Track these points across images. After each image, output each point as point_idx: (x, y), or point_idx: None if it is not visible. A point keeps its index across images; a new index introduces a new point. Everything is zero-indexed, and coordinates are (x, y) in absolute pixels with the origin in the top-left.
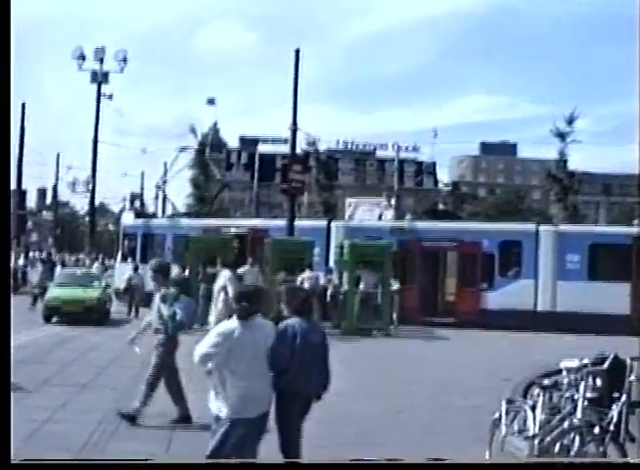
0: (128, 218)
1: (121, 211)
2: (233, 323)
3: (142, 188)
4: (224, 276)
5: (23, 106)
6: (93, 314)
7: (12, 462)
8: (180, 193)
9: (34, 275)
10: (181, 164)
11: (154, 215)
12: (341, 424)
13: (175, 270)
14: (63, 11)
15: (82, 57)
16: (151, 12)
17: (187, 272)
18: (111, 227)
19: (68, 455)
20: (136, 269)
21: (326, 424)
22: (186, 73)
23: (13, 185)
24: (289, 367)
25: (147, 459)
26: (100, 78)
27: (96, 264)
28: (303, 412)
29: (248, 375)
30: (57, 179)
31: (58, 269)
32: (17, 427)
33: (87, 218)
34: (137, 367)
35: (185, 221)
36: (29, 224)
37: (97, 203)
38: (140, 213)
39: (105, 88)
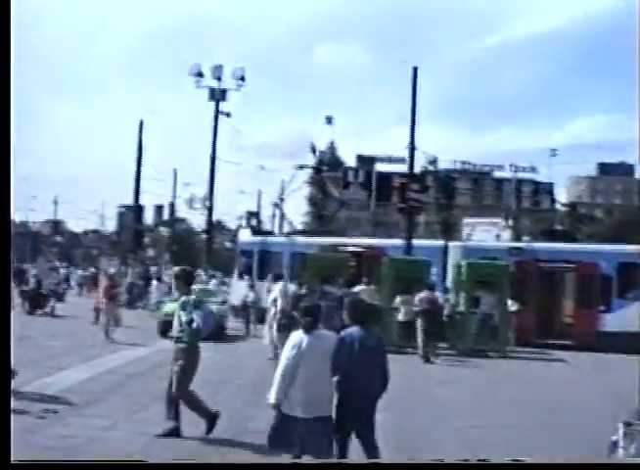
0: (245, 236)
1: (238, 228)
2: (300, 335)
3: (259, 205)
4: (276, 289)
5: (141, 123)
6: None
7: (12, 462)
8: (297, 211)
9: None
10: (298, 182)
11: (271, 233)
12: (452, 441)
13: (292, 288)
14: (181, 28)
15: (200, 74)
16: (267, 30)
17: (304, 290)
18: (227, 244)
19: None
20: (252, 286)
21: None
22: (302, 92)
23: (130, 201)
24: (348, 371)
25: (146, 460)
26: (218, 96)
27: (213, 281)
28: (365, 413)
29: (312, 380)
30: (174, 196)
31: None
32: (132, 439)
33: (204, 235)
34: (249, 384)
35: (302, 239)
36: (146, 240)
37: (214, 220)
38: (257, 231)
39: (223, 106)
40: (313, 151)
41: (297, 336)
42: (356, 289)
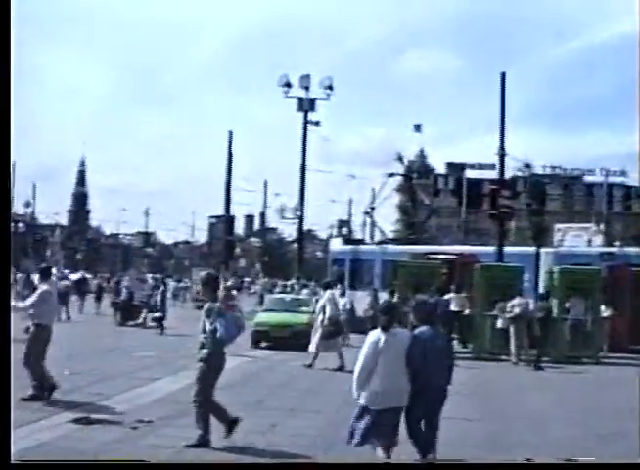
0: (337, 244)
1: (329, 237)
2: (377, 333)
3: (349, 214)
4: (324, 297)
5: (231, 133)
6: (301, 339)
7: (12, 462)
8: (388, 219)
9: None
10: (389, 189)
11: (362, 242)
12: (548, 450)
13: (384, 296)
14: (269, 38)
15: (288, 85)
16: (355, 39)
17: (396, 298)
18: (318, 253)
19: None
20: (344, 294)
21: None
22: (390, 99)
23: (221, 211)
24: (421, 367)
25: (145, 459)
26: (306, 106)
27: (304, 290)
28: (437, 405)
29: (388, 374)
30: (265, 206)
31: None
32: (224, 449)
33: (295, 245)
34: (343, 393)
35: (393, 247)
36: (237, 250)
37: (305, 229)
38: (348, 240)
39: (311, 115)
40: (401, 159)
41: (375, 334)
42: (447, 296)
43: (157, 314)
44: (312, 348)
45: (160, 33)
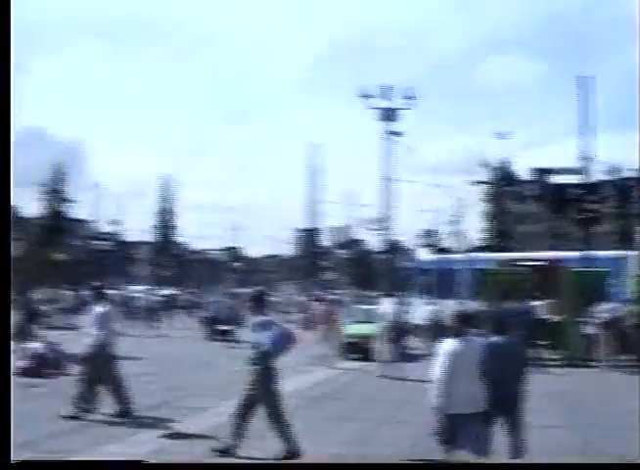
0: (424, 254)
1: (416, 247)
2: (452, 341)
3: (436, 224)
4: (385, 305)
5: (315, 146)
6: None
7: (12, 462)
8: (474, 227)
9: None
10: (474, 198)
11: (449, 251)
12: None
13: (472, 305)
14: (350, 50)
15: (370, 96)
16: (435, 48)
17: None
18: (406, 264)
19: None
20: (433, 305)
21: None
22: (472, 107)
23: (307, 224)
24: (496, 374)
25: (145, 459)
26: (389, 116)
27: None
28: (515, 411)
29: (464, 381)
30: (351, 217)
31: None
32: (317, 459)
33: (382, 255)
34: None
35: (480, 255)
36: (324, 263)
37: (391, 239)
38: (435, 249)
39: (394, 125)
40: (485, 167)
41: (450, 342)
42: (535, 303)
43: (225, 327)
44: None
45: (243, 48)
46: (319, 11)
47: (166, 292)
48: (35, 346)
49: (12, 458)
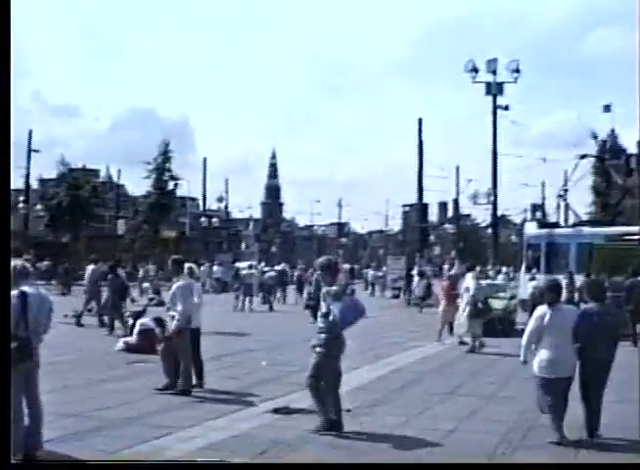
0: (531, 229)
1: (524, 221)
2: (544, 309)
3: (543, 198)
4: (468, 277)
5: (420, 121)
6: (498, 325)
7: (12, 462)
8: (581, 201)
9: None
10: (581, 171)
11: (556, 225)
12: None
13: (581, 279)
14: (454, 24)
15: (475, 70)
16: (539, 20)
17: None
18: (513, 238)
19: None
20: (533, 279)
21: None
22: (578, 79)
23: (414, 200)
24: (589, 340)
25: (146, 459)
26: (494, 90)
27: (500, 276)
28: (603, 375)
29: (554, 347)
30: (457, 192)
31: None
32: (425, 435)
33: (489, 230)
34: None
35: (588, 230)
36: (432, 237)
37: (498, 214)
38: (543, 223)
39: (500, 99)
40: (595, 138)
41: (542, 309)
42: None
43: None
44: (462, 329)
45: (348, 24)
46: None
47: (279, 268)
48: (144, 321)
49: (12, 458)
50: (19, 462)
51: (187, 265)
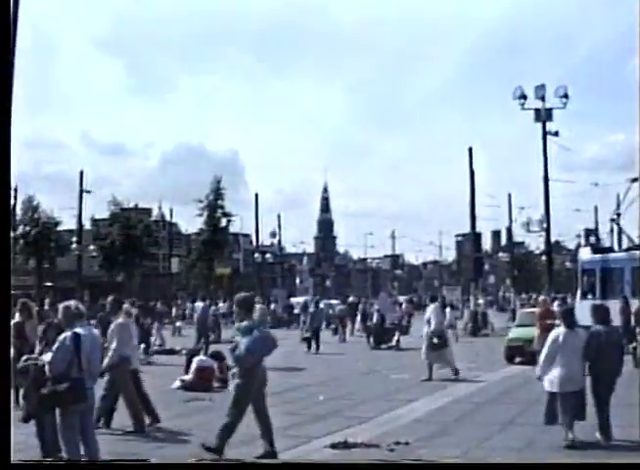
0: (586, 254)
1: (578, 247)
2: (560, 330)
3: (596, 222)
4: (430, 310)
5: (471, 150)
6: None
7: (12, 462)
8: (635, 224)
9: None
10: (633, 195)
11: (611, 250)
12: None
13: (636, 303)
14: (499, 52)
15: (523, 96)
16: (584, 44)
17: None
18: (567, 264)
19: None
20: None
21: None
22: (627, 103)
23: (468, 229)
24: (595, 358)
25: (146, 459)
26: (543, 116)
27: (556, 303)
28: (608, 390)
29: (566, 364)
30: (510, 220)
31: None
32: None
33: (544, 257)
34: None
35: None
36: (486, 266)
37: (552, 240)
38: (597, 248)
39: (549, 125)
40: None
41: (558, 331)
42: None
43: (306, 334)
44: (422, 357)
45: (394, 56)
46: (468, 11)
47: (351, 300)
48: (202, 358)
49: (12, 459)
50: (19, 462)
51: (125, 306)
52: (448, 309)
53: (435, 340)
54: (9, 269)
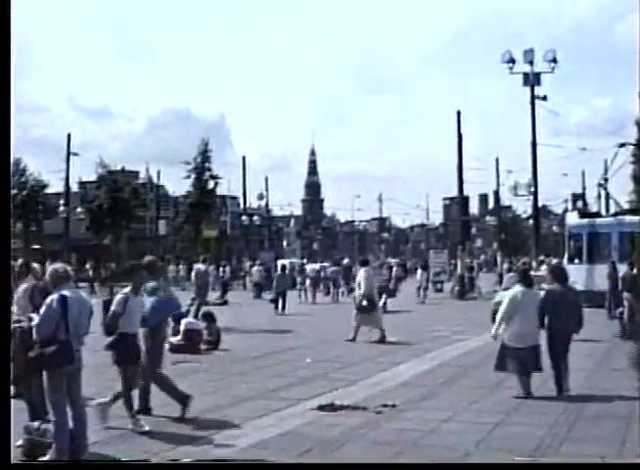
0: (573, 219)
1: (565, 211)
2: (518, 288)
3: (583, 187)
4: (360, 274)
5: (459, 113)
6: None
7: (12, 462)
8: (622, 190)
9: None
10: (621, 160)
11: (598, 214)
12: None
13: (623, 268)
14: (489, 17)
15: (512, 60)
16: (572, 9)
17: (636, 270)
18: (555, 229)
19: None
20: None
21: None
22: (614, 67)
23: (455, 193)
24: (552, 314)
25: (147, 459)
26: (532, 81)
27: (543, 266)
28: (566, 346)
29: (522, 320)
30: (498, 184)
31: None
32: (471, 430)
33: (531, 221)
34: (587, 371)
35: (630, 218)
36: (473, 230)
37: (539, 205)
38: (584, 213)
39: (537, 89)
40: (638, 125)
41: (516, 290)
42: None
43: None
44: (352, 322)
45: (386, 19)
46: None
47: (345, 262)
48: (190, 320)
49: (12, 459)
50: (19, 462)
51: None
52: (419, 271)
53: (365, 302)
54: (9, 270)
